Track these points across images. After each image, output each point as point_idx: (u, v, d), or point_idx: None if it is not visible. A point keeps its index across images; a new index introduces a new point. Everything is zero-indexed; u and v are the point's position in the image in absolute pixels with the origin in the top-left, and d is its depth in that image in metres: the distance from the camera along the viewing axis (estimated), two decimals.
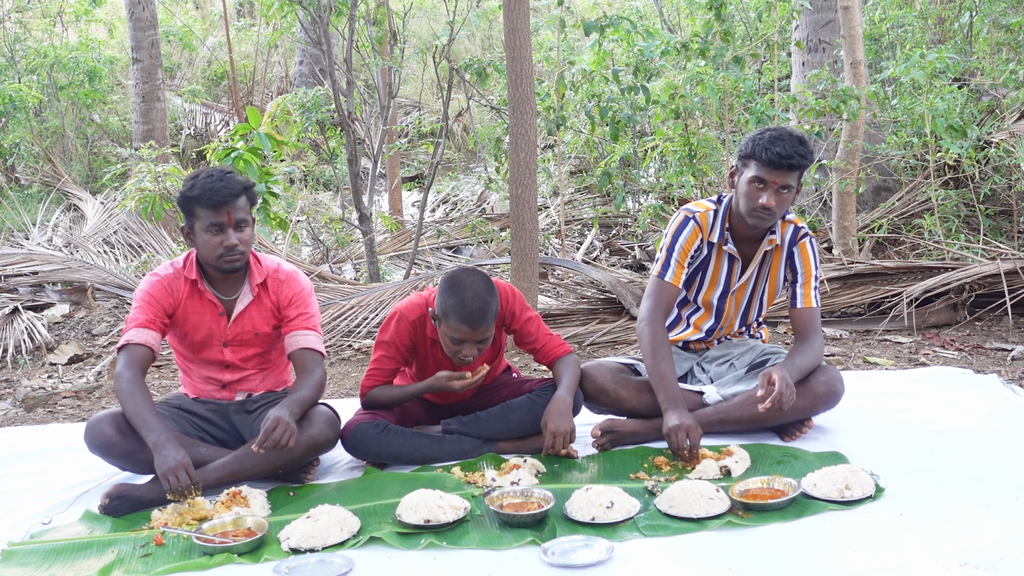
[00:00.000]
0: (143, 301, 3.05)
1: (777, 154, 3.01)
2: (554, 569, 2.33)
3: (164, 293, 3.05)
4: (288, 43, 12.93)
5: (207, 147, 6.07)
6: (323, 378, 3.09)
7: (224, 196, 2.94)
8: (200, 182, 2.97)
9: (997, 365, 4.42)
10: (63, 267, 6.65)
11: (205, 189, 2.95)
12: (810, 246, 3.28)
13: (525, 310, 3.25)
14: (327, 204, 9.45)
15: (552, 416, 3.04)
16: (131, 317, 3.04)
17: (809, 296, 3.26)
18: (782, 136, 3.06)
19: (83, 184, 10.18)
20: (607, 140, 7.40)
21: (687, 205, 3.33)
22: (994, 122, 6.71)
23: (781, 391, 2.94)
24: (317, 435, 2.97)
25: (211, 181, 2.96)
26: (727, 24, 6.19)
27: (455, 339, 3.00)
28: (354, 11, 6.52)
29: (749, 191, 3.10)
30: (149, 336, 3.00)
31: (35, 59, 10.91)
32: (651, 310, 3.26)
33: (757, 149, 3.06)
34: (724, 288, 3.34)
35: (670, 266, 3.27)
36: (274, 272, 3.14)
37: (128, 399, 2.88)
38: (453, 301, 2.96)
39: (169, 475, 2.71)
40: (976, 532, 2.37)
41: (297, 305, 3.11)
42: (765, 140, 3.06)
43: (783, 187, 3.07)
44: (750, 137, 3.14)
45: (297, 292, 3.13)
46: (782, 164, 3.02)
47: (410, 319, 3.17)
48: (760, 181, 3.06)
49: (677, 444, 2.97)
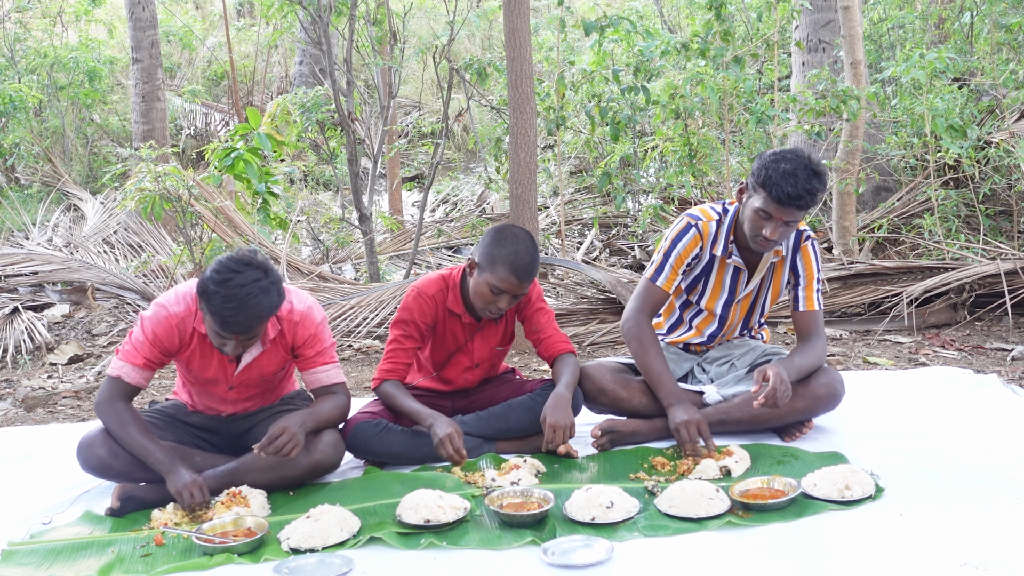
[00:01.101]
0: (146, 339, 2.87)
1: (787, 194, 2.92)
2: (554, 569, 2.33)
3: (170, 335, 2.87)
4: (288, 43, 12.93)
5: (207, 147, 6.07)
6: (347, 404, 3.07)
7: (235, 329, 2.68)
8: (219, 298, 2.62)
9: (997, 365, 4.42)
10: (63, 267, 6.65)
11: (220, 312, 2.64)
12: (812, 249, 3.25)
13: (541, 300, 3.30)
14: (327, 204, 9.45)
15: (551, 410, 3.04)
16: (131, 348, 2.89)
17: (811, 299, 3.24)
18: (796, 172, 2.92)
19: (83, 184, 10.18)
20: (607, 140, 7.40)
21: (692, 211, 3.28)
22: (994, 122, 6.71)
23: (775, 387, 2.92)
24: (321, 460, 2.95)
25: (228, 307, 2.62)
26: (727, 24, 6.19)
27: (497, 289, 3.01)
28: (354, 11, 6.52)
29: (754, 219, 3.04)
30: (142, 376, 2.90)
31: (35, 59, 10.91)
32: (636, 311, 3.25)
33: (769, 183, 2.95)
34: (729, 297, 3.32)
35: (663, 271, 3.25)
36: (288, 315, 2.93)
37: (122, 431, 2.82)
38: (506, 251, 2.99)
39: (183, 491, 2.71)
40: (976, 532, 2.37)
41: (313, 344, 2.99)
42: (779, 174, 2.93)
43: (789, 221, 3.01)
44: (766, 162, 3.00)
45: (313, 333, 2.97)
46: (791, 203, 2.94)
47: (429, 293, 3.18)
48: (766, 214, 3.00)
49: (688, 438, 2.97)
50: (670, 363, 3.40)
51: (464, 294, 3.21)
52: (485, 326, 3.27)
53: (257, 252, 2.75)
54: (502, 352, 3.40)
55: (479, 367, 3.33)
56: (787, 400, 2.97)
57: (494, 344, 3.32)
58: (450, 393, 3.39)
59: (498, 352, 3.37)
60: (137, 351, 2.89)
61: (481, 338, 3.28)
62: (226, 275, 2.64)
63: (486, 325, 3.27)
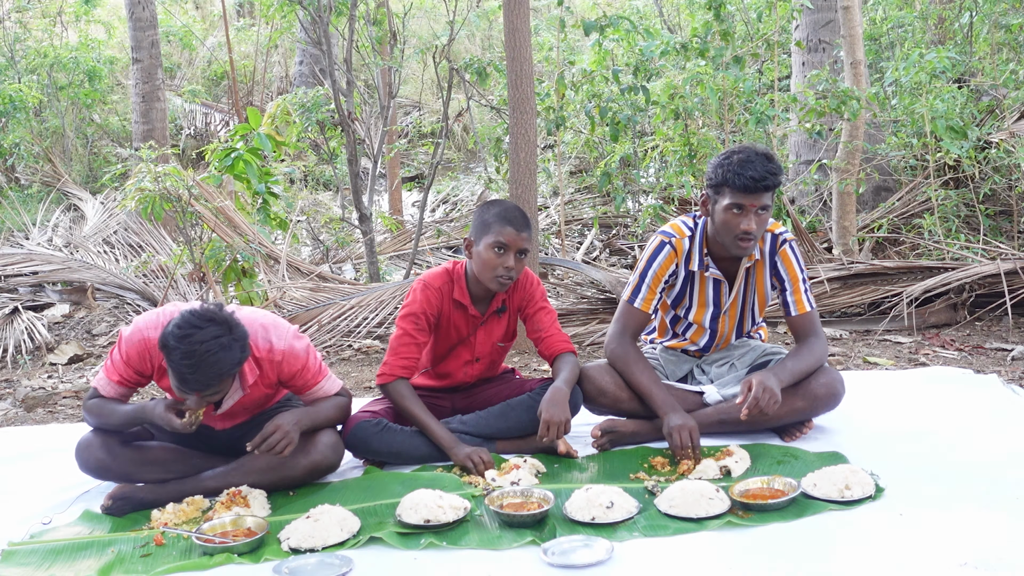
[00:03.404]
0: (121, 359, 2.83)
1: (751, 178, 2.96)
2: (554, 569, 2.33)
3: (142, 360, 2.81)
4: (288, 43, 12.93)
5: (207, 147, 6.07)
6: (348, 404, 3.07)
7: (194, 387, 2.61)
8: (177, 353, 2.54)
9: (997, 365, 4.42)
10: (63, 267, 6.65)
11: (179, 370, 2.57)
12: (791, 252, 3.23)
13: (544, 299, 3.33)
14: (327, 204, 9.44)
15: (547, 405, 3.04)
16: (109, 366, 2.87)
17: (801, 301, 3.22)
18: (750, 158, 3.00)
19: (83, 184, 10.18)
20: (607, 140, 7.40)
21: (664, 228, 3.29)
22: (994, 122, 6.71)
23: (757, 396, 2.93)
24: (320, 461, 2.94)
25: (186, 366, 2.55)
26: (727, 24, 6.19)
27: (499, 244, 3.06)
28: (354, 11, 6.52)
29: (728, 219, 3.04)
30: (117, 393, 2.88)
31: (35, 59, 10.91)
32: (618, 334, 3.27)
33: (729, 175, 3.00)
34: (715, 310, 3.32)
35: (640, 292, 3.26)
36: (267, 355, 2.86)
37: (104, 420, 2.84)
38: (495, 211, 3.13)
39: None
40: (976, 532, 2.37)
41: (303, 375, 2.94)
42: (735, 165, 2.99)
43: (761, 208, 3.02)
44: (717, 163, 3.07)
45: (298, 368, 2.91)
46: (757, 187, 2.97)
47: (435, 285, 3.21)
48: (738, 207, 3.01)
49: (679, 443, 2.97)
50: (669, 365, 3.42)
51: (470, 285, 3.22)
52: (488, 320, 3.28)
53: (222, 307, 2.67)
54: (503, 349, 3.40)
55: (479, 361, 3.34)
56: (775, 407, 2.96)
57: (496, 339, 3.32)
58: (449, 392, 3.39)
59: (499, 348, 3.37)
60: (114, 367, 2.87)
61: (484, 332, 3.28)
62: (187, 330, 2.55)
63: (489, 319, 3.28)
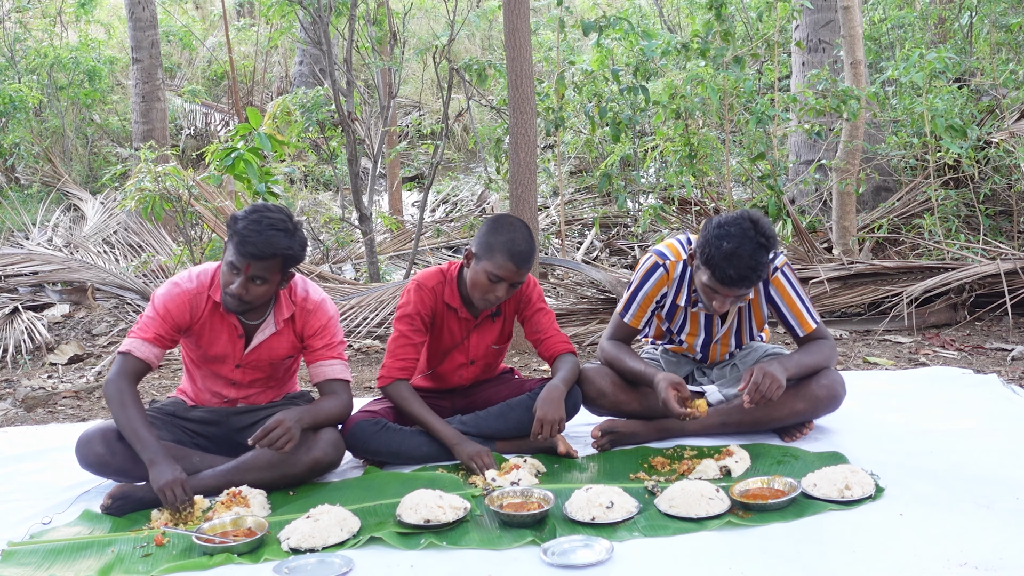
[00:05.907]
0: (158, 314, 2.94)
1: (730, 277, 2.89)
2: (554, 569, 2.33)
3: (182, 310, 2.95)
4: (288, 43, 12.92)
5: (207, 147, 6.07)
6: (350, 402, 3.09)
7: (250, 249, 2.79)
8: (245, 221, 2.80)
9: (997, 365, 4.42)
10: (63, 267, 6.65)
11: (242, 231, 2.79)
12: (784, 278, 3.17)
13: (541, 300, 3.32)
14: (327, 204, 9.43)
15: (542, 402, 3.05)
16: (141, 325, 2.95)
17: (805, 321, 3.19)
18: (739, 252, 2.85)
19: (83, 184, 10.18)
20: (607, 140, 7.40)
21: (660, 247, 3.26)
22: (994, 122, 6.71)
23: (756, 381, 2.92)
24: (321, 457, 2.95)
25: (251, 228, 2.78)
26: (727, 24, 6.19)
27: (495, 276, 3.02)
28: (354, 11, 6.52)
29: (705, 292, 3.02)
30: (152, 352, 2.94)
31: (35, 59, 10.91)
32: (610, 338, 3.34)
33: (712, 263, 2.89)
34: (707, 338, 3.34)
35: (631, 309, 3.29)
36: (302, 302, 3.04)
37: (120, 411, 2.84)
38: (503, 239, 3.01)
39: (165, 489, 2.70)
40: (976, 532, 2.37)
41: (323, 335, 3.04)
42: (721, 255, 2.86)
43: (737, 296, 3.00)
44: (709, 237, 2.92)
45: (324, 323, 3.04)
46: (736, 285, 2.92)
47: (429, 285, 3.20)
48: (713, 291, 2.99)
49: (667, 396, 2.97)
50: (670, 367, 3.43)
51: (461, 289, 3.21)
52: (482, 323, 3.28)
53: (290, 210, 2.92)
54: (499, 351, 3.40)
55: (474, 364, 3.34)
56: (778, 392, 2.93)
57: (490, 342, 3.32)
58: (448, 393, 3.39)
59: (494, 351, 3.37)
60: (148, 327, 2.94)
61: (478, 335, 3.28)
62: (258, 208, 2.84)
63: (483, 322, 3.28)
